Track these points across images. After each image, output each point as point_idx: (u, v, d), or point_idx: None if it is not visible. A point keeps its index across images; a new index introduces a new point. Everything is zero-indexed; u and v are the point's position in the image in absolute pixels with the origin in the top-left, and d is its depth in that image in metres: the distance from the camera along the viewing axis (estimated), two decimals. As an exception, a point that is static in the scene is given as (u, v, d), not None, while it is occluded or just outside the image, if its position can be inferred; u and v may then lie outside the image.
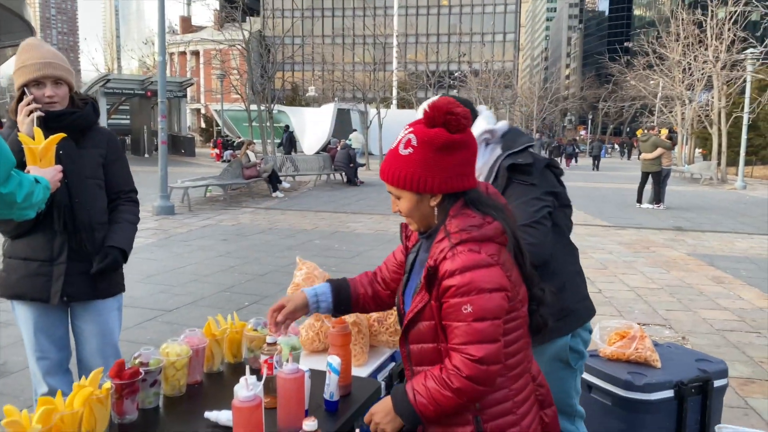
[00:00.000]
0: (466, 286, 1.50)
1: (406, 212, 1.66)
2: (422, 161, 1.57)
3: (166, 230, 10.36)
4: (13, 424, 1.45)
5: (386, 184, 1.66)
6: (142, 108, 33.54)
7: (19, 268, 2.49)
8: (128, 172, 2.76)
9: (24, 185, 1.91)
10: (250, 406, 1.56)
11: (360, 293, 1.96)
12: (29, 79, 2.40)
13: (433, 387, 1.55)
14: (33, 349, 2.58)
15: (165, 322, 5.35)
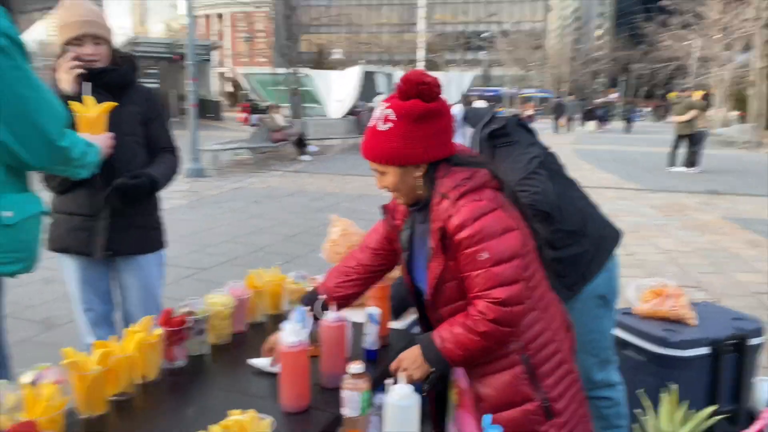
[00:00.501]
0: (477, 235, 1.54)
1: (393, 187, 1.68)
2: (402, 134, 1.59)
3: (197, 192, 10.51)
4: (74, 364, 1.53)
5: (369, 162, 1.68)
6: (170, 71, 33.61)
7: (65, 223, 2.57)
8: (168, 129, 2.77)
9: (78, 143, 1.97)
10: (297, 351, 1.61)
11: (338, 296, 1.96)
12: (70, 37, 2.43)
13: (460, 332, 1.60)
14: (80, 301, 2.68)
15: (200, 280, 5.48)
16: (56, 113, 1.85)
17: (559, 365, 1.68)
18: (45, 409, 1.35)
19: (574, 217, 2.29)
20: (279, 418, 1.61)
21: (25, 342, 4.07)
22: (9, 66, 1.71)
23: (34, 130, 1.79)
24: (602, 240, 2.34)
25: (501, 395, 1.66)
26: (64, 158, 1.91)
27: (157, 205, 2.76)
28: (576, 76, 53.57)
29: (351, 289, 1.97)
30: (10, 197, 1.83)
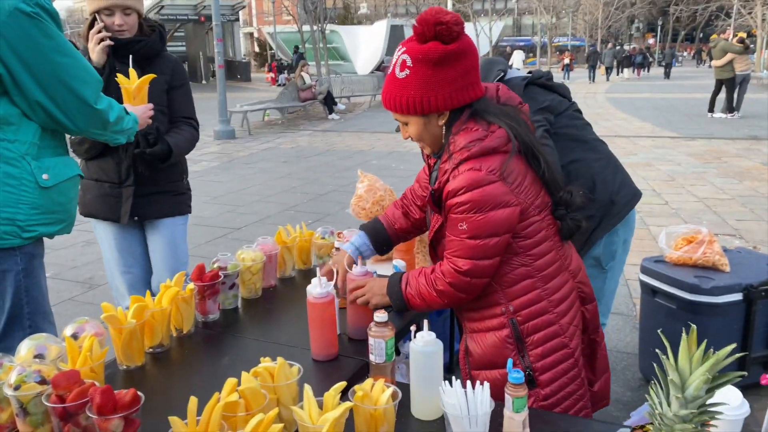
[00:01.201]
0: (465, 205, 1.52)
1: (417, 137, 1.63)
2: (421, 81, 1.50)
3: (228, 153, 10.63)
4: (111, 318, 1.59)
5: (391, 112, 1.61)
6: (197, 34, 33.58)
7: (93, 189, 2.63)
8: (191, 100, 2.77)
9: (114, 108, 2.01)
10: (323, 302, 1.65)
11: (396, 228, 1.97)
12: (100, 7, 2.45)
13: (423, 283, 1.66)
14: (117, 264, 2.75)
15: (234, 239, 5.59)
16: (91, 78, 1.90)
17: (551, 337, 1.64)
18: (85, 360, 1.42)
19: (585, 182, 2.25)
20: (309, 366, 1.67)
21: (69, 302, 4.25)
22: (42, 34, 1.77)
23: (70, 94, 1.85)
24: (611, 205, 2.30)
25: (485, 354, 1.68)
26: (102, 121, 1.97)
27: (182, 171, 2.79)
28: (610, 22, 51.59)
29: (408, 223, 1.97)
30: (47, 161, 1.90)
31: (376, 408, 1.26)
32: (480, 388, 1.29)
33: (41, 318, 1.92)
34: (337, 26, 35.08)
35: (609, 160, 2.37)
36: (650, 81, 27.96)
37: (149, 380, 1.63)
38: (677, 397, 0.98)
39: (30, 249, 1.90)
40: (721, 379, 0.98)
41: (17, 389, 1.27)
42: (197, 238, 5.58)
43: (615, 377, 3.13)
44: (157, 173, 2.61)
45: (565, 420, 1.46)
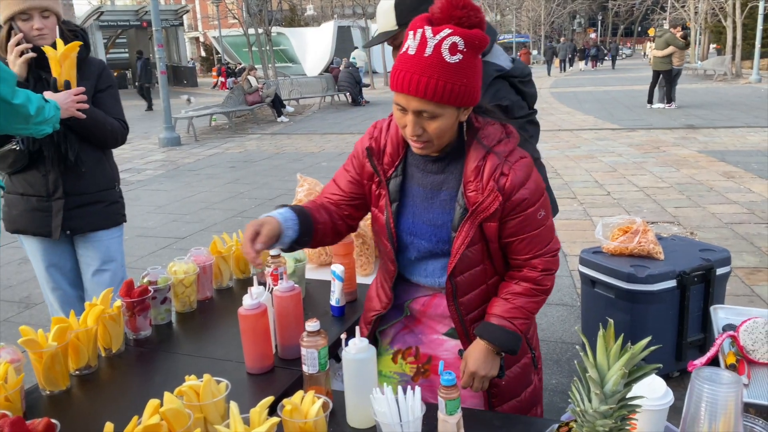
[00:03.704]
0: (536, 193, 1.46)
1: (440, 133, 1.40)
2: (473, 68, 1.36)
3: (173, 161, 10.38)
4: (30, 342, 1.52)
5: (418, 100, 1.35)
6: (140, 40, 32.77)
7: (19, 204, 2.51)
8: (118, 102, 2.66)
9: (33, 99, 1.96)
10: (255, 314, 1.61)
11: (320, 222, 1.63)
12: (15, 12, 2.31)
13: (524, 302, 1.52)
14: (46, 281, 2.65)
15: (179, 249, 5.46)
16: (4, 74, 1.84)
17: None
18: (0, 389, 1.34)
19: None
20: (243, 381, 1.62)
21: (4, 323, 4.06)
22: None
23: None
24: None
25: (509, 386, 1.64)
26: (22, 116, 1.92)
27: (113, 179, 2.69)
28: (553, 18, 52.76)
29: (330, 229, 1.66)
30: None
31: (305, 421, 1.23)
32: (411, 393, 1.28)
33: None
34: (284, 28, 34.82)
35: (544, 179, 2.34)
36: (594, 73, 28.90)
37: (74, 404, 1.55)
38: (596, 393, 0.99)
39: None
40: (637, 372, 0.99)
41: None
42: (140, 250, 5.42)
43: (560, 368, 3.18)
44: (84, 179, 2.51)
45: (498, 418, 1.46)
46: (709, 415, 1.08)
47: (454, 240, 1.50)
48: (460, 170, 1.49)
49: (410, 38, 1.36)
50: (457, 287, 1.54)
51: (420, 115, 1.38)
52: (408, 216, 1.58)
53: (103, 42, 30.67)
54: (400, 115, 1.42)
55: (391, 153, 1.58)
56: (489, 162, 1.44)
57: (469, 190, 1.46)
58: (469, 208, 1.46)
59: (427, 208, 1.55)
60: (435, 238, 1.54)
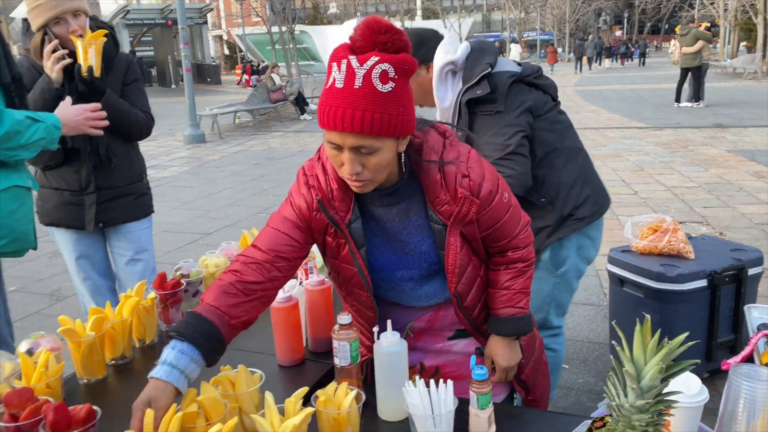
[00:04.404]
0: (494, 178, 1.45)
1: (379, 167, 1.31)
2: (405, 96, 1.27)
3: (198, 158, 10.50)
4: (69, 332, 1.55)
5: (355, 136, 1.24)
6: (165, 38, 33.14)
7: (52, 198, 2.58)
8: (144, 94, 2.72)
9: (5, 122, 1.75)
10: (286, 307, 1.63)
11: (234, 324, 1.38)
12: (49, 18, 2.34)
13: (521, 283, 1.53)
14: (77, 272, 2.72)
15: (205, 245, 5.52)
16: None
17: None
18: (41, 376, 1.38)
19: (549, 190, 2.20)
20: (275, 373, 1.65)
21: (36, 315, 4.16)
22: None
23: None
24: (568, 218, 2.23)
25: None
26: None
27: (141, 171, 2.75)
28: (578, 16, 52.21)
29: (255, 311, 1.43)
30: None
31: (339, 412, 1.24)
32: (444, 387, 1.28)
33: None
34: (307, 26, 34.97)
35: (581, 171, 2.29)
36: (627, 71, 28.59)
37: (111, 393, 1.59)
38: (633, 388, 0.99)
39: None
40: (675, 368, 0.98)
41: (-32, 410, 1.23)
42: (167, 245, 5.50)
43: (587, 367, 3.16)
44: (114, 173, 2.57)
45: (531, 414, 1.46)
46: (747, 413, 1.07)
47: (445, 258, 1.46)
48: (420, 191, 1.44)
49: (334, 70, 1.25)
50: (461, 296, 1.52)
51: (358, 152, 1.27)
52: (384, 254, 1.50)
53: (129, 40, 31.09)
54: (334, 153, 1.30)
55: (341, 197, 1.42)
56: (447, 171, 1.39)
57: (439, 206, 1.41)
58: (447, 222, 1.42)
59: (405, 239, 1.48)
60: (426, 263, 1.50)
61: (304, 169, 1.49)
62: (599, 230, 2.37)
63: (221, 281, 1.41)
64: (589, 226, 2.28)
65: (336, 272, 1.54)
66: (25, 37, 2.49)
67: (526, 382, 1.64)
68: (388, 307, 1.59)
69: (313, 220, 1.46)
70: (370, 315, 1.56)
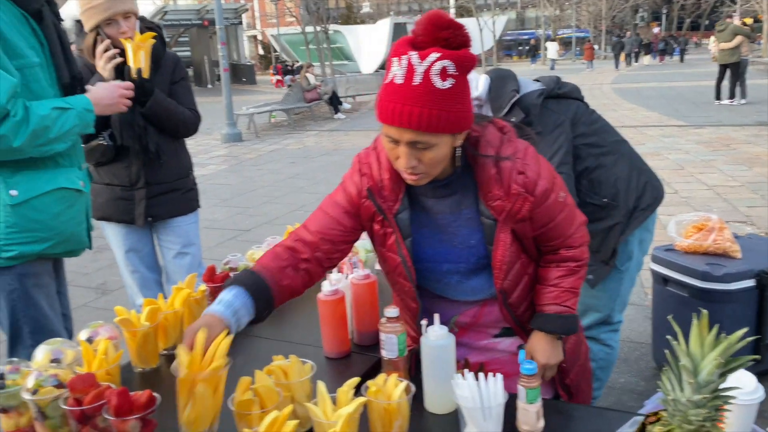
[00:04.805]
0: (551, 177, 1.44)
1: (435, 162, 1.33)
2: (464, 92, 1.29)
3: (236, 156, 10.67)
4: (125, 321, 1.61)
5: (412, 132, 1.27)
6: (201, 38, 33.67)
7: (104, 193, 2.67)
8: (191, 92, 2.81)
9: (31, 121, 1.71)
10: (333, 300, 1.66)
11: (284, 286, 1.48)
12: (101, 20, 2.43)
13: (571, 281, 1.51)
14: (125, 265, 2.81)
15: (244, 241, 5.62)
16: None
17: None
18: (101, 363, 1.43)
19: (608, 189, 2.22)
20: (322, 364, 1.67)
21: (83, 308, 4.28)
22: None
23: None
24: (634, 210, 2.26)
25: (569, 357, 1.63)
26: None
27: (188, 167, 2.83)
28: (614, 12, 51.29)
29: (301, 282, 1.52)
30: (18, 175, 1.78)
31: (389, 402, 1.26)
32: (493, 380, 1.29)
33: (46, 338, 1.70)
34: (341, 26, 35.12)
35: (631, 162, 2.31)
36: (665, 68, 28.10)
37: (164, 382, 1.64)
38: (690, 383, 0.98)
39: (20, 269, 1.83)
40: (733, 363, 0.98)
41: (35, 393, 1.29)
42: (208, 241, 5.60)
43: (628, 367, 3.12)
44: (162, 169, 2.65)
45: (579, 410, 1.46)
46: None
47: (493, 253, 1.46)
48: (473, 184, 1.44)
49: (395, 65, 1.27)
50: (506, 293, 1.52)
51: (414, 147, 1.30)
52: (432, 246, 1.51)
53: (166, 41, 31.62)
54: (391, 146, 1.34)
55: (391, 187, 1.45)
56: (503, 167, 1.39)
57: (492, 201, 1.41)
58: (498, 217, 1.42)
59: (454, 232, 1.49)
60: (474, 258, 1.50)
61: (359, 157, 1.53)
62: (655, 223, 2.40)
63: (273, 249, 1.52)
64: (648, 219, 2.32)
65: (383, 260, 1.58)
66: (78, 38, 2.58)
67: (570, 387, 1.63)
68: (433, 300, 1.60)
69: (362, 207, 1.50)
70: (413, 306, 1.58)
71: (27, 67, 1.74)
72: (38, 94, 1.78)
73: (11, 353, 1.89)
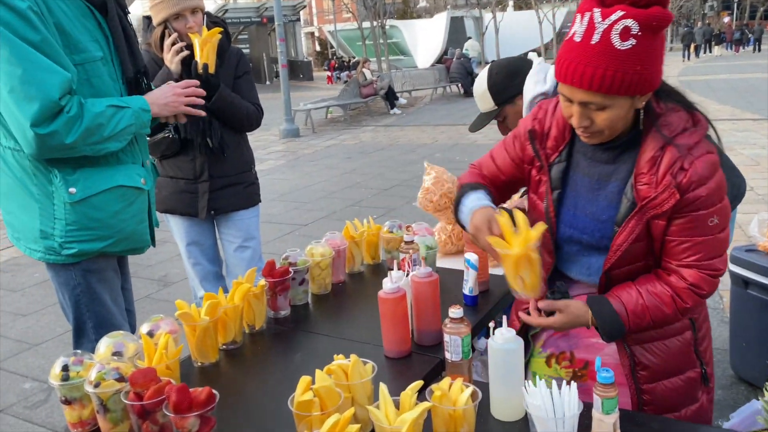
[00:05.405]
0: (715, 196, 1.30)
1: (610, 124, 1.29)
2: (647, 53, 1.22)
3: (293, 152, 10.78)
4: (186, 315, 1.60)
5: (583, 92, 1.25)
6: (260, 35, 34.26)
7: (168, 186, 2.70)
8: (254, 87, 2.83)
9: (85, 117, 1.68)
10: (394, 298, 1.60)
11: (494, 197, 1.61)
12: (170, 14, 2.48)
13: (655, 306, 1.37)
14: (187, 257, 2.85)
15: (301, 235, 5.65)
16: (38, 94, 1.58)
17: (708, 328, 1.54)
18: (161, 357, 1.42)
19: None
20: (382, 363, 1.62)
21: (145, 299, 4.39)
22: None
23: (10, 114, 1.61)
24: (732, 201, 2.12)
25: (668, 362, 1.47)
26: (50, 148, 1.66)
27: (250, 162, 2.84)
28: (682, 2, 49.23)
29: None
30: (80, 172, 1.76)
31: (455, 409, 1.20)
32: (567, 389, 1.21)
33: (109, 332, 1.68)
34: (397, 21, 35.05)
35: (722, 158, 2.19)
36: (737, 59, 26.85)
37: (223, 377, 1.62)
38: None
39: (84, 265, 1.84)
40: None
41: (97, 386, 1.28)
42: (266, 235, 5.65)
43: (703, 375, 2.94)
44: (226, 162, 2.67)
45: (658, 422, 1.35)
46: None
47: (616, 235, 1.38)
48: (633, 160, 1.36)
49: (577, 22, 1.25)
50: (611, 282, 1.42)
51: (586, 107, 1.28)
52: (569, 207, 1.47)
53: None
54: (565, 104, 1.33)
55: (555, 137, 1.47)
56: (668, 154, 1.31)
57: (640, 183, 1.33)
58: (638, 202, 1.34)
59: (592, 200, 1.43)
60: (598, 233, 1.42)
61: (542, 102, 1.56)
62: (734, 221, 2.27)
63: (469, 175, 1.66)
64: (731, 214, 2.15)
65: (531, 207, 1.58)
66: (146, 33, 2.62)
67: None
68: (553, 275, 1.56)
69: (525, 148, 1.54)
70: (548, 260, 1.53)
71: (88, 62, 1.73)
72: (99, 89, 1.78)
73: (76, 347, 1.91)
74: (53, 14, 1.64)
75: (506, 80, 2.20)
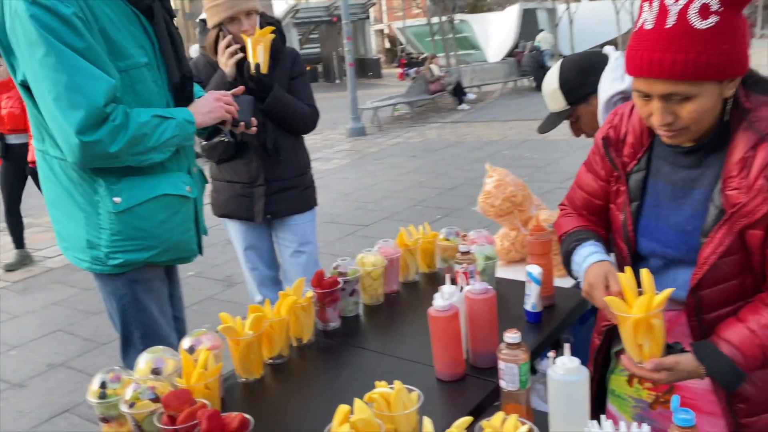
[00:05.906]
0: None
1: (698, 116, 1.15)
2: (732, 31, 1.09)
3: (358, 150, 10.77)
4: (229, 330, 1.54)
5: (664, 82, 1.12)
6: (330, 35, 34.60)
7: (225, 190, 2.69)
8: (309, 87, 2.77)
9: (130, 127, 1.65)
10: (446, 316, 1.49)
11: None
12: (225, 17, 2.46)
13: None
14: (244, 261, 2.84)
15: (363, 236, 5.60)
16: (84, 101, 1.56)
17: None
18: (200, 376, 1.37)
19: None
20: (432, 386, 1.51)
21: (210, 299, 4.45)
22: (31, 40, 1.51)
23: (54, 120, 1.59)
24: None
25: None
26: (94, 156, 1.63)
27: (306, 164, 2.79)
28: None
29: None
30: (124, 182, 1.74)
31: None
32: (637, 430, 1.06)
33: (156, 342, 1.65)
34: (467, 15, 34.56)
35: None
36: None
37: (266, 394, 1.56)
38: None
39: (130, 275, 1.82)
40: None
41: (132, 406, 1.24)
42: (328, 235, 5.65)
43: None
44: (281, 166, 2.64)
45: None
46: None
47: (703, 247, 1.22)
48: (721, 163, 1.20)
49: (645, 10, 1.13)
50: (701, 302, 1.26)
51: (669, 100, 1.14)
52: (650, 218, 1.34)
53: (297, 38, 32.90)
54: (642, 103, 1.19)
55: (632, 143, 1.35)
56: (761, 153, 1.15)
57: (729, 188, 1.17)
58: (727, 209, 1.17)
59: (675, 209, 1.29)
60: (684, 246, 1.27)
61: (616, 108, 1.45)
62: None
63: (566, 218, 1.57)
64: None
65: (612, 218, 1.48)
66: (202, 36, 2.61)
67: None
68: None
69: (605, 159, 1.43)
70: None
71: (133, 68, 1.70)
72: (144, 95, 1.75)
73: (124, 356, 1.91)
74: (98, 20, 1.62)
75: (579, 77, 2.02)
